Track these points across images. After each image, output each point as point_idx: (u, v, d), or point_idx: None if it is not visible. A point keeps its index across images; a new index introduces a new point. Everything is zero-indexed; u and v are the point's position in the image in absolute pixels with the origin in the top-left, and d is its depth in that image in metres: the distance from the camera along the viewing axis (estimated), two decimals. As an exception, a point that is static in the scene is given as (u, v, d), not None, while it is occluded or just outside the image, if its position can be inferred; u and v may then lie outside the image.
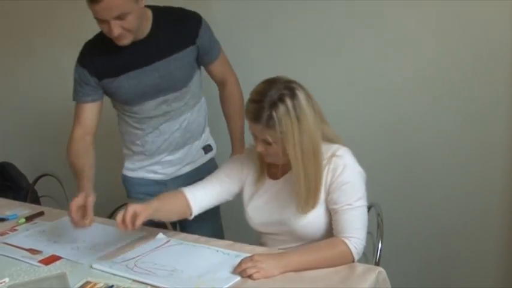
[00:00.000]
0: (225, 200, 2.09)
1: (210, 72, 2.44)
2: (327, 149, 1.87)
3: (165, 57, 2.22)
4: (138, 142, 2.41)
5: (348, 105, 2.65)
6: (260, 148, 1.85)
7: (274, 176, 1.99)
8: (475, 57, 2.38)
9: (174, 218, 2.10)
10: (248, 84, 1.94)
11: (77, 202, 1.97)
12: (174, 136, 2.38)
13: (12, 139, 4.19)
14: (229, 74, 2.47)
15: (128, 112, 2.36)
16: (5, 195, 3.20)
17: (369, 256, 2.10)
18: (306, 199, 1.84)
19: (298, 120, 1.76)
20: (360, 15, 2.56)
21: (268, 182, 2.00)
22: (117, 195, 2.52)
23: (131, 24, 2.06)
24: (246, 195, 2.05)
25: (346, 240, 1.80)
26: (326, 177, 1.85)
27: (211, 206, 2.08)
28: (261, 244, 2.06)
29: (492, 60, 2.35)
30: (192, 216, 2.03)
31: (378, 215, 2.17)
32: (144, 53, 2.19)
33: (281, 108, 1.74)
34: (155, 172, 2.46)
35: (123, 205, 2.50)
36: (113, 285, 1.73)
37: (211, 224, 2.46)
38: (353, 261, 1.80)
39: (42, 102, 3.87)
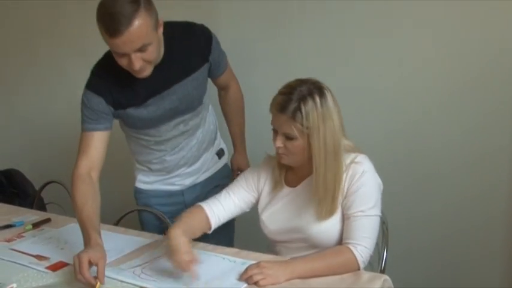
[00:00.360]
0: (243, 212, 2.09)
1: (215, 81, 2.42)
2: (346, 157, 1.88)
3: (182, 80, 2.15)
4: (155, 161, 2.38)
5: (355, 111, 2.65)
6: (279, 143, 1.86)
7: (291, 184, 2.00)
8: (485, 63, 2.39)
9: (198, 235, 2.03)
10: (257, 88, 1.94)
11: (90, 257, 1.74)
12: (192, 151, 2.37)
13: (19, 146, 4.21)
14: (233, 80, 2.48)
15: (144, 135, 2.29)
16: (12, 202, 3.21)
17: (374, 264, 2.10)
18: (324, 203, 1.86)
19: (323, 118, 1.78)
20: (370, 20, 2.57)
21: (285, 190, 2.01)
22: (125, 202, 2.53)
23: (152, 55, 1.95)
24: (261, 203, 2.06)
25: (352, 248, 1.80)
26: (344, 183, 1.86)
27: (230, 218, 2.07)
28: (274, 253, 2.06)
29: (502, 65, 2.36)
30: (211, 231, 2.02)
31: (383, 223, 2.17)
32: (161, 78, 2.09)
33: (309, 102, 1.77)
34: (173, 184, 2.44)
35: (130, 212, 2.53)
36: (119, 292, 1.73)
37: (224, 235, 2.37)
38: (358, 269, 1.80)
39: (48, 110, 3.89)
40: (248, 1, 2.86)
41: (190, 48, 2.15)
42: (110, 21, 1.82)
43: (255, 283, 1.72)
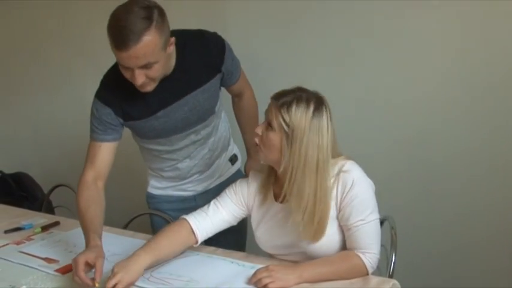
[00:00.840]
0: (230, 225, 2.02)
1: (228, 89, 2.38)
2: (333, 164, 1.82)
3: (193, 91, 2.13)
4: (168, 169, 2.37)
5: (365, 119, 2.66)
6: (259, 130, 1.82)
7: (279, 199, 1.92)
8: (495, 72, 2.38)
9: (178, 253, 2.00)
10: (263, 93, 1.94)
11: (86, 258, 1.76)
12: (204, 158, 2.36)
13: (28, 150, 4.23)
14: (247, 87, 2.45)
15: (155, 144, 2.28)
16: (20, 205, 3.22)
17: (382, 269, 2.09)
18: (309, 227, 1.79)
19: (311, 128, 1.73)
20: (378, 31, 2.58)
21: (276, 206, 1.94)
22: (133, 206, 2.54)
23: (156, 74, 1.93)
24: (254, 218, 2.01)
25: (361, 255, 1.78)
26: (336, 194, 1.81)
27: (216, 232, 2.00)
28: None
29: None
30: (198, 244, 1.97)
31: (391, 228, 2.17)
32: (172, 89, 2.07)
33: (303, 105, 1.74)
34: (185, 190, 2.44)
35: (140, 215, 2.53)
36: (128, 295, 1.73)
37: (236, 240, 2.39)
38: (367, 275, 1.79)
39: (57, 114, 3.91)
40: (256, 1, 2.87)
41: (202, 59, 2.12)
42: (119, 35, 1.80)
43: (264, 286, 1.71)
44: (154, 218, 2.50)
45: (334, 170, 1.82)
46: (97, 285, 1.71)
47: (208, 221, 1.96)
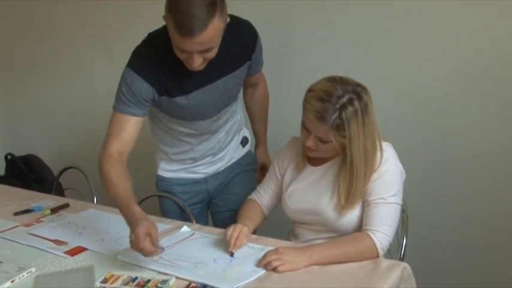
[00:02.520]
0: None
1: (247, 78, 2.33)
2: None
3: (224, 76, 2.12)
4: (182, 151, 2.36)
5: (383, 103, 2.62)
6: (310, 143, 1.85)
7: (314, 163, 2.00)
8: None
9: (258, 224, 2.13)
10: (288, 82, 1.92)
11: (146, 230, 1.73)
12: (220, 141, 2.37)
13: (38, 132, 4.23)
14: (262, 78, 2.46)
15: (177, 125, 2.25)
16: (30, 188, 3.25)
17: (393, 252, 2.08)
18: (348, 198, 1.86)
19: (364, 125, 1.77)
20: (390, 14, 2.54)
21: (309, 168, 2.01)
22: (144, 188, 2.53)
23: (213, 55, 1.91)
24: (285, 181, 2.07)
25: (372, 235, 1.78)
26: None
27: (277, 205, 2.15)
28: (294, 235, 2.07)
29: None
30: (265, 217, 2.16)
31: (403, 211, 2.15)
32: (206, 72, 2.00)
33: (350, 110, 1.74)
34: (196, 172, 2.43)
35: (149, 197, 2.52)
36: (137, 277, 1.73)
37: (240, 197, 2.38)
38: (377, 257, 1.79)
39: (67, 96, 3.90)
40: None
41: (236, 45, 2.09)
42: (184, 22, 1.76)
43: (274, 269, 1.71)
44: (163, 200, 2.49)
45: None
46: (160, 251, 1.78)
47: (268, 195, 2.15)
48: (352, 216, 1.87)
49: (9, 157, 3.78)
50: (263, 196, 2.15)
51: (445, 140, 2.55)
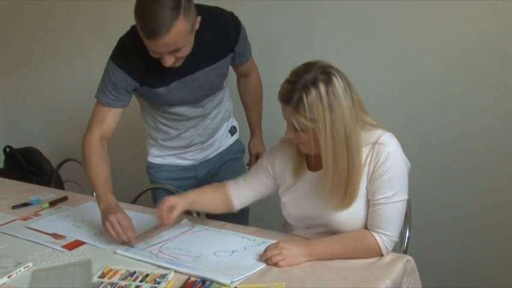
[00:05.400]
0: (262, 197, 2.03)
1: (236, 68, 2.41)
2: (370, 135, 1.76)
3: (206, 67, 2.15)
4: (170, 137, 2.39)
5: (380, 97, 2.59)
6: (290, 134, 1.76)
7: (313, 167, 1.88)
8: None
9: (213, 211, 2.04)
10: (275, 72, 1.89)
11: (119, 218, 1.91)
12: (207, 128, 2.38)
13: (37, 124, 4.21)
14: (254, 68, 2.48)
15: (162, 112, 2.30)
16: (29, 180, 3.23)
17: (397, 245, 2.05)
18: (337, 196, 1.75)
19: (330, 109, 1.64)
20: (394, 5, 2.50)
21: (308, 174, 1.90)
22: (141, 181, 2.52)
23: (185, 54, 1.96)
24: (283, 185, 1.96)
25: (377, 236, 1.73)
26: (369, 166, 1.75)
27: (254, 200, 2.04)
28: (291, 227, 2.00)
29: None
30: (237, 210, 2.03)
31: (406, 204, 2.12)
32: (186, 63, 2.04)
33: (313, 92, 1.63)
34: (185, 159, 2.45)
35: (146, 190, 2.51)
36: (135, 272, 1.71)
37: (240, 215, 2.30)
38: (381, 256, 1.74)
39: (66, 89, 3.88)
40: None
41: (218, 37, 2.13)
42: (148, 25, 1.82)
43: (274, 264, 1.69)
44: (156, 190, 2.49)
45: (369, 139, 1.75)
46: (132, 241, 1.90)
47: (245, 187, 2.02)
48: (356, 216, 1.78)
49: (7, 149, 3.75)
50: (240, 186, 2.03)
51: (448, 132, 2.52)
